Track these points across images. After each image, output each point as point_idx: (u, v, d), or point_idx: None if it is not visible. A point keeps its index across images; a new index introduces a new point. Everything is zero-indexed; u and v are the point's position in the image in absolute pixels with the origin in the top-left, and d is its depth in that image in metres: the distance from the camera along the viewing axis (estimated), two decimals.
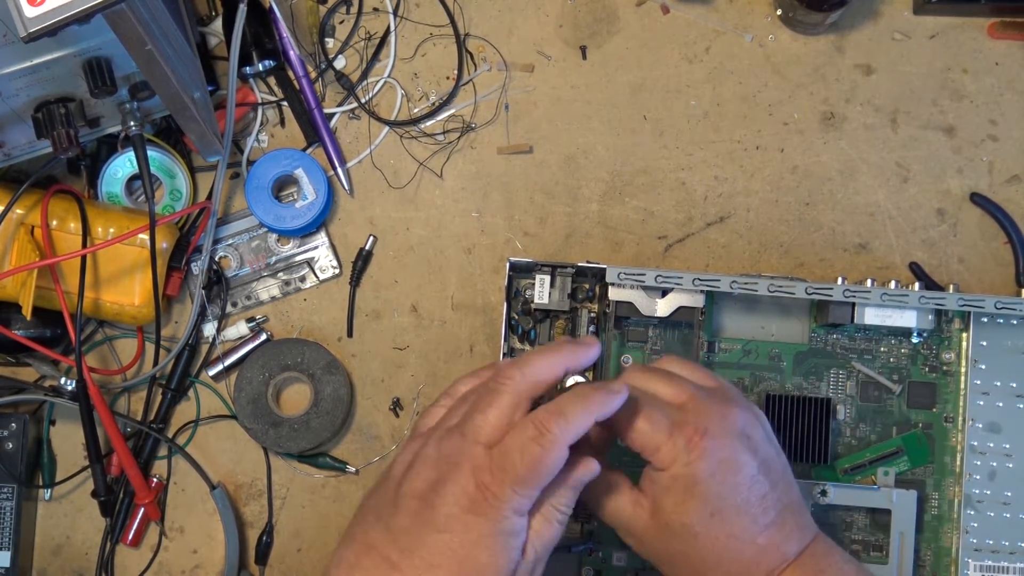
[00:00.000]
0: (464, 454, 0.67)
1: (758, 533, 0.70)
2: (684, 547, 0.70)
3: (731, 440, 0.70)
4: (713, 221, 0.90)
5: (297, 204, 0.89)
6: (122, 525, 0.88)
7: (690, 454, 0.69)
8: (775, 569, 0.70)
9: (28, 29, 0.63)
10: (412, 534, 0.67)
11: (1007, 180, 0.90)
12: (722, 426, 0.70)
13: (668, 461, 0.69)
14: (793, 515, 0.72)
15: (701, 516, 0.69)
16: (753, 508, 0.70)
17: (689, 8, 0.91)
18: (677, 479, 0.69)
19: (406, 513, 0.67)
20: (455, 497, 0.66)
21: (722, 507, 0.69)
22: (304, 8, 0.91)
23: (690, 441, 0.69)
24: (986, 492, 0.83)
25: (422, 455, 0.69)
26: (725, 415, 0.71)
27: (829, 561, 0.71)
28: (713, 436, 0.69)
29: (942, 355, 0.86)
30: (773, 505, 0.71)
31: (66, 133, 0.76)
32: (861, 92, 0.90)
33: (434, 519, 0.66)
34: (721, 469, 0.69)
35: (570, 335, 0.86)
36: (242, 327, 0.90)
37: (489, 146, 0.91)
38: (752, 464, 0.70)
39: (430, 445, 0.69)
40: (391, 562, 0.67)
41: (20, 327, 0.85)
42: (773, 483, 0.71)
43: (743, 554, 0.70)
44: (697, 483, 0.69)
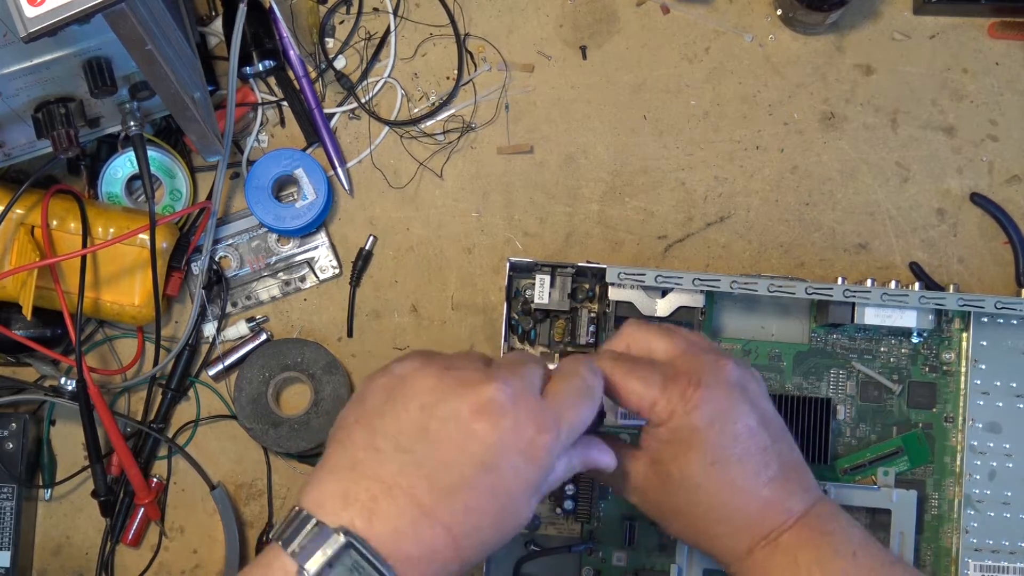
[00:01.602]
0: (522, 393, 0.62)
1: (761, 485, 0.69)
2: (686, 499, 0.69)
3: (727, 390, 0.69)
4: (713, 221, 0.90)
5: (297, 204, 0.89)
6: (122, 525, 0.88)
7: (686, 404, 0.68)
8: (780, 526, 0.69)
9: (28, 29, 0.63)
10: (452, 471, 0.59)
11: (1007, 180, 0.90)
12: (716, 377, 0.69)
13: (665, 415, 0.68)
14: (796, 473, 0.71)
15: (701, 465, 0.68)
16: (754, 459, 0.69)
17: (689, 8, 0.91)
18: (675, 431, 0.68)
19: (441, 443, 0.59)
20: (514, 436, 0.60)
21: (722, 456, 0.68)
22: (304, 8, 0.91)
23: (684, 393, 0.68)
24: (986, 492, 0.83)
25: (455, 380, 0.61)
26: (720, 367, 0.70)
27: (835, 523, 0.70)
28: (708, 386, 0.68)
29: (942, 355, 0.86)
30: (775, 459, 0.69)
31: (66, 133, 0.76)
32: (861, 92, 0.90)
33: (483, 455, 0.59)
34: (719, 418, 0.68)
35: (570, 335, 0.86)
36: (242, 327, 0.90)
37: (489, 146, 0.91)
38: (750, 415, 0.69)
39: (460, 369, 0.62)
40: (423, 508, 0.59)
41: (20, 327, 0.85)
42: (773, 437, 0.70)
43: (747, 507, 0.69)
44: (695, 432, 0.68)
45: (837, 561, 0.68)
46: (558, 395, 0.64)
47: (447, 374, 0.62)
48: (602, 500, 0.85)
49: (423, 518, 0.59)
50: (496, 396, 0.60)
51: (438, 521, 0.59)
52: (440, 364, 0.63)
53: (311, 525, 0.58)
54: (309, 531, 0.58)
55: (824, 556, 0.68)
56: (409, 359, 0.64)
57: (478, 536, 0.60)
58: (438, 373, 0.62)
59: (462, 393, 0.61)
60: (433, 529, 0.59)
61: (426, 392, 0.61)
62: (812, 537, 0.69)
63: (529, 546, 0.85)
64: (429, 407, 0.61)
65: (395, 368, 0.64)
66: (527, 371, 0.64)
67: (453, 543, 0.59)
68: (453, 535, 0.59)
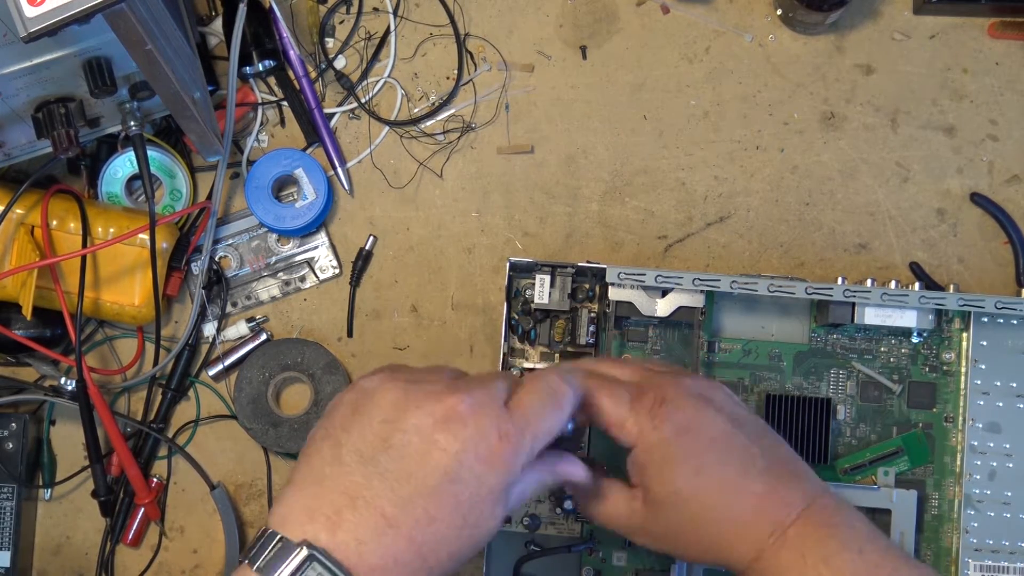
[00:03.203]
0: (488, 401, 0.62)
1: (751, 481, 0.68)
2: (681, 517, 0.69)
3: (691, 401, 0.69)
4: (713, 221, 0.90)
5: (297, 204, 0.89)
6: (122, 525, 0.88)
7: (654, 420, 0.68)
8: (782, 521, 0.67)
9: (28, 29, 0.63)
10: (413, 481, 0.60)
11: (1007, 180, 0.90)
12: (677, 391, 0.70)
13: (635, 433, 0.69)
14: (788, 466, 0.70)
15: (683, 475, 0.68)
16: (736, 459, 0.68)
17: (689, 8, 0.91)
18: (650, 450, 0.68)
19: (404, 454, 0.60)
20: (475, 444, 0.61)
21: (704, 463, 0.68)
22: (304, 8, 0.91)
23: (651, 409, 0.68)
24: (986, 492, 0.83)
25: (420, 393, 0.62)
26: (679, 383, 0.71)
27: (840, 517, 0.69)
28: (671, 399, 0.69)
29: (942, 355, 0.86)
30: (759, 456, 0.69)
31: (66, 133, 0.76)
32: (861, 92, 0.90)
33: (445, 464, 0.60)
34: (689, 428, 0.68)
35: (570, 335, 0.86)
36: (242, 327, 0.90)
37: (489, 146, 0.91)
38: (719, 418, 0.69)
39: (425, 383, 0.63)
40: (386, 517, 0.59)
41: (20, 327, 0.85)
42: (751, 436, 0.70)
43: (741, 505, 0.68)
44: (668, 445, 0.68)
45: (844, 555, 0.67)
46: (522, 403, 0.64)
47: (411, 388, 0.62)
48: None
49: (387, 528, 0.59)
50: (457, 407, 0.61)
51: (401, 531, 0.59)
52: (404, 378, 0.63)
53: (275, 541, 0.59)
54: (273, 547, 0.59)
55: (830, 551, 0.67)
56: (376, 374, 0.65)
57: (443, 545, 0.60)
58: (402, 387, 0.62)
59: (424, 405, 0.61)
60: (396, 538, 0.59)
61: (390, 406, 0.62)
62: (816, 531, 0.67)
63: (529, 546, 0.85)
64: (392, 420, 0.61)
65: (361, 383, 0.64)
66: (492, 383, 0.64)
67: (417, 552, 0.60)
68: (416, 544, 0.60)
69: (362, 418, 0.62)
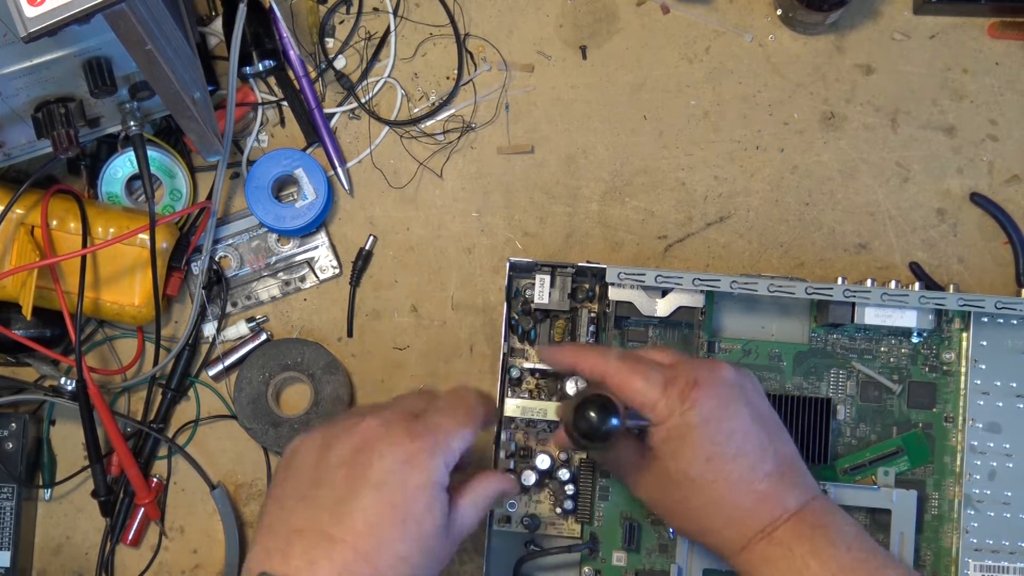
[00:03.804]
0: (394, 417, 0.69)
1: (757, 480, 0.72)
2: (684, 494, 0.73)
3: (722, 388, 0.73)
4: (713, 221, 0.90)
5: (297, 204, 0.89)
6: (122, 525, 0.88)
7: (683, 404, 0.72)
8: (775, 520, 0.71)
9: (28, 29, 0.63)
10: (346, 500, 0.66)
11: (1007, 180, 0.90)
12: (711, 377, 0.73)
13: (665, 414, 0.72)
14: (792, 469, 0.74)
15: (697, 461, 0.72)
16: (750, 456, 0.72)
17: (689, 8, 0.91)
18: (673, 429, 0.72)
19: (334, 484, 0.67)
20: (391, 451, 0.67)
21: (717, 452, 0.71)
22: (304, 8, 0.91)
23: (682, 392, 0.72)
24: (986, 492, 0.83)
25: (336, 433, 0.69)
26: (713, 368, 0.74)
27: (830, 519, 0.73)
28: (704, 385, 0.72)
29: (942, 355, 0.86)
30: (771, 456, 0.73)
31: (66, 133, 0.76)
32: (861, 92, 0.90)
33: (369, 477, 0.66)
34: (715, 416, 0.72)
35: (570, 335, 0.86)
36: (242, 327, 0.90)
37: (489, 146, 0.91)
38: (745, 412, 0.73)
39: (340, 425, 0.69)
40: (328, 536, 0.65)
41: (20, 327, 0.86)
42: (770, 435, 0.73)
43: (741, 501, 0.72)
44: (691, 429, 0.71)
45: (831, 551, 0.70)
46: (432, 409, 0.70)
47: (328, 431, 0.70)
48: (602, 500, 0.85)
49: (332, 544, 0.65)
50: (369, 429, 0.68)
51: (346, 543, 0.65)
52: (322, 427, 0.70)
53: None
54: None
55: (819, 547, 0.71)
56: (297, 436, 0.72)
57: (388, 549, 0.66)
58: (320, 433, 0.70)
59: (342, 438, 0.68)
60: (343, 551, 0.65)
61: (315, 449, 0.69)
62: (806, 530, 0.71)
63: (529, 546, 0.85)
64: (317, 461, 0.68)
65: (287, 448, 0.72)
66: (402, 400, 0.72)
67: (365, 560, 0.65)
68: (362, 553, 0.65)
69: (294, 471, 0.69)
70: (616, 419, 0.69)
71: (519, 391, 0.86)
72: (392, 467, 0.66)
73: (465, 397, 0.72)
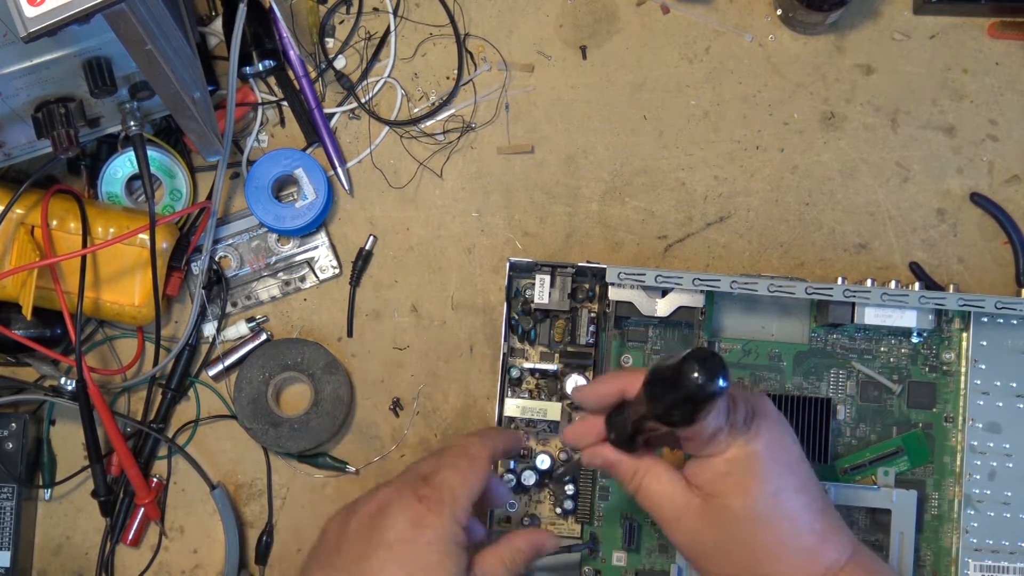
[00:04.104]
0: (405, 483, 0.72)
1: (813, 519, 0.69)
2: (746, 533, 0.68)
3: (779, 420, 0.70)
4: (713, 221, 0.90)
5: (297, 204, 0.89)
6: (122, 525, 0.88)
7: (747, 433, 0.68)
8: (833, 564, 0.69)
9: (28, 29, 0.63)
10: (362, 561, 0.69)
11: (1007, 180, 0.90)
12: (766, 408, 0.70)
13: (725, 444, 0.68)
14: (835, 512, 0.71)
15: (765, 495, 0.68)
16: (806, 490, 0.69)
17: (689, 8, 0.91)
18: (735, 461, 0.68)
19: (351, 548, 0.70)
20: (402, 514, 0.70)
21: (783, 486, 0.68)
22: (304, 8, 0.91)
23: (745, 420, 0.68)
24: (986, 492, 0.83)
25: (357, 505, 0.73)
26: (763, 398, 0.71)
27: (878, 565, 0.71)
28: (765, 415, 0.69)
29: (942, 355, 0.86)
30: (819, 493, 0.70)
31: (66, 133, 0.76)
32: (861, 92, 0.90)
33: (383, 539, 0.69)
34: (777, 447, 0.68)
35: (570, 335, 0.86)
36: (242, 327, 0.90)
37: (489, 146, 0.91)
38: (796, 445, 0.70)
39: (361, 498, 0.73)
40: None
41: (20, 327, 0.85)
42: (811, 471, 0.71)
43: (803, 542, 0.68)
44: (759, 460, 0.68)
45: None
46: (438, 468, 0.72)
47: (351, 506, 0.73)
48: (602, 500, 0.85)
49: None
50: (384, 494, 0.72)
51: None
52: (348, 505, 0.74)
53: None
54: None
55: None
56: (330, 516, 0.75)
57: None
58: (344, 510, 0.73)
59: (359, 510, 0.72)
60: None
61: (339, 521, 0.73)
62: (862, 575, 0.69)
63: None
64: (339, 533, 0.72)
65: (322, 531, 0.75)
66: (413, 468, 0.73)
67: None
68: None
69: (321, 543, 0.73)
70: (727, 377, 0.61)
71: (519, 391, 0.86)
72: (403, 528, 0.69)
73: (468, 447, 0.73)
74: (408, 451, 0.89)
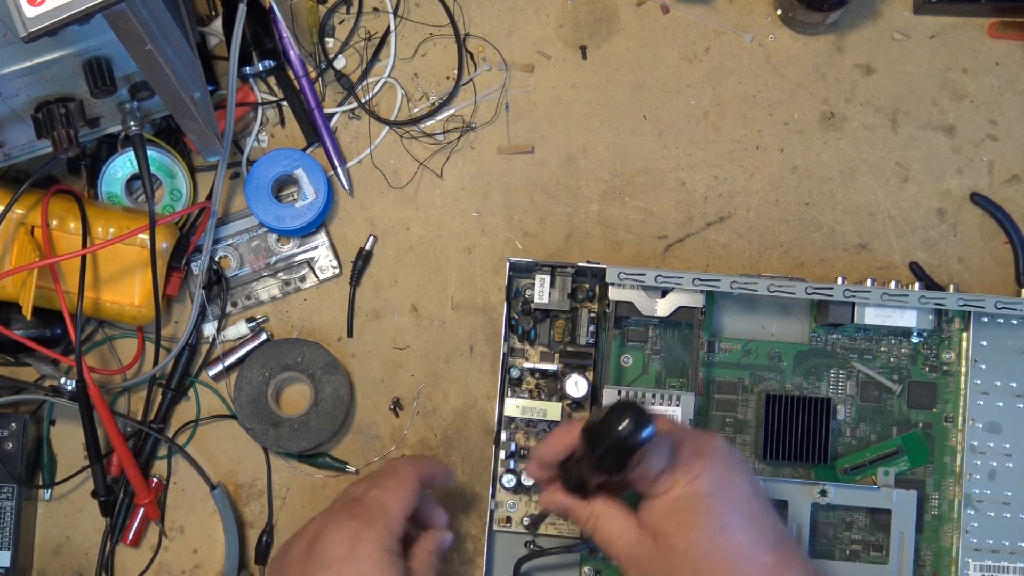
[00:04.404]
0: (337, 507, 0.76)
1: (763, 552, 0.70)
2: (690, 570, 0.70)
3: (726, 457, 0.72)
4: (713, 221, 0.90)
5: (297, 204, 0.89)
6: (122, 525, 0.88)
7: (690, 473, 0.70)
8: None
9: (28, 29, 0.63)
10: None
11: (1007, 180, 0.90)
12: (712, 446, 0.72)
13: (669, 484, 0.70)
14: (791, 543, 0.73)
15: (710, 533, 0.70)
16: (756, 525, 0.71)
17: (689, 8, 0.91)
18: (679, 500, 0.70)
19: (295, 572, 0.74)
20: (337, 533, 0.73)
21: (729, 522, 0.70)
22: (304, 8, 0.91)
23: (688, 461, 0.70)
24: (986, 492, 0.83)
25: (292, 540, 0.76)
26: (711, 438, 0.73)
27: None
28: (709, 454, 0.71)
29: (942, 355, 0.86)
30: (772, 527, 0.72)
31: (66, 133, 0.76)
32: (861, 92, 0.90)
33: (321, 560, 0.73)
34: (724, 484, 0.70)
35: (570, 335, 0.86)
36: (242, 327, 0.90)
37: (489, 146, 0.91)
38: (747, 481, 0.72)
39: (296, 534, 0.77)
40: None
41: (20, 327, 0.85)
42: (764, 506, 0.72)
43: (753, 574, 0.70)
44: (702, 499, 0.70)
45: None
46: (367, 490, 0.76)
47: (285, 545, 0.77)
48: None
49: None
50: (317, 523, 0.76)
51: None
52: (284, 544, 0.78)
53: None
54: None
55: None
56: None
57: None
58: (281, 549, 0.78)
59: (297, 540, 0.76)
60: None
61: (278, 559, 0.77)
62: None
63: (529, 546, 0.85)
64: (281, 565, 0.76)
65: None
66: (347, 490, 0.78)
67: None
68: None
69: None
70: (651, 427, 0.66)
71: (519, 391, 0.86)
72: (340, 546, 0.73)
73: (396, 467, 0.78)
74: (408, 451, 0.89)
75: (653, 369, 0.86)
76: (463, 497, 0.88)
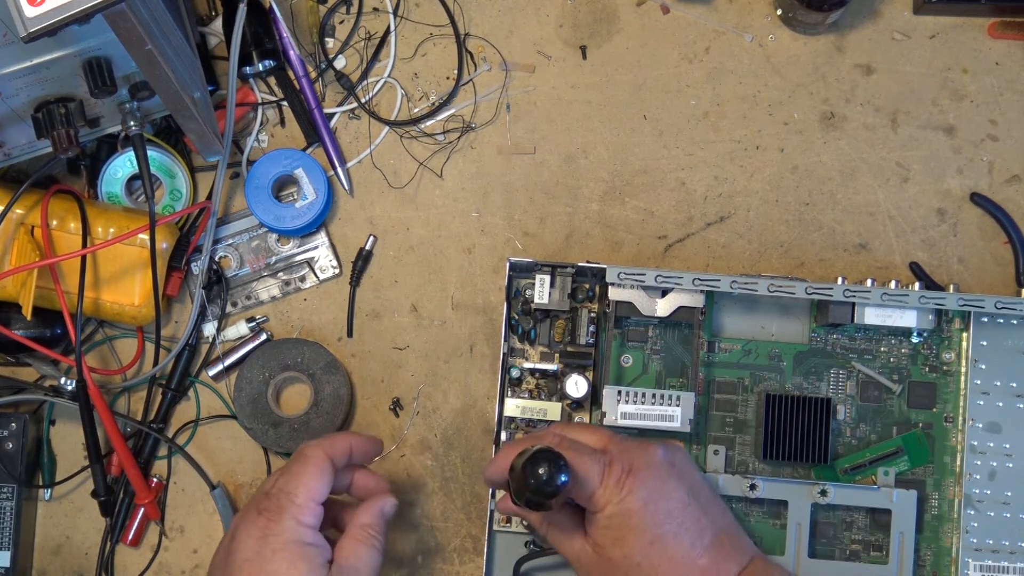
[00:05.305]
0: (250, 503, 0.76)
1: (698, 556, 0.74)
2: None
3: (657, 470, 0.75)
4: (713, 221, 0.90)
5: (297, 204, 0.89)
6: (122, 525, 0.88)
7: (621, 491, 0.73)
8: None
9: (28, 29, 0.63)
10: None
11: (1007, 180, 0.90)
12: (645, 459, 0.75)
13: (603, 502, 0.74)
14: (730, 537, 0.76)
15: (641, 546, 0.73)
16: (690, 532, 0.74)
17: (689, 8, 0.91)
18: (613, 516, 0.74)
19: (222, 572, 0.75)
20: (247, 533, 0.74)
21: (660, 534, 0.73)
22: (304, 8, 0.91)
23: (619, 480, 0.73)
24: (986, 492, 0.83)
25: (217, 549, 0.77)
26: (646, 449, 0.76)
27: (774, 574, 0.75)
28: (639, 470, 0.74)
29: (942, 355, 0.86)
30: (709, 527, 0.75)
31: (66, 133, 0.76)
32: (861, 92, 0.90)
33: (233, 562, 0.74)
34: (652, 498, 0.74)
35: (570, 335, 0.86)
36: (242, 327, 0.90)
37: (489, 146, 0.91)
38: (680, 489, 0.75)
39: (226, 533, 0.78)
40: None
41: (20, 327, 0.85)
42: (704, 506, 0.75)
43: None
44: (632, 515, 0.73)
45: None
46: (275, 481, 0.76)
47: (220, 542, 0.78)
48: None
49: None
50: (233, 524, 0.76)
51: None
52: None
53: None
54: None
55: None
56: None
57: None
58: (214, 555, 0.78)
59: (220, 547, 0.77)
60: None
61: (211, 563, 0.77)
62: None
63: (529, 546, 0.85)
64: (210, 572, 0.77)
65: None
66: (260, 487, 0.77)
67: None
68: None
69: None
70: (566, 475, 0.70)
71: (519, 391, 0.86)
72: (249, 546, 0.73)
73: (304, 450, 0.77)
74: (408, 451, 0.89)
75: (653, 369, 0.86)
76: (463, 497, 0.88)
